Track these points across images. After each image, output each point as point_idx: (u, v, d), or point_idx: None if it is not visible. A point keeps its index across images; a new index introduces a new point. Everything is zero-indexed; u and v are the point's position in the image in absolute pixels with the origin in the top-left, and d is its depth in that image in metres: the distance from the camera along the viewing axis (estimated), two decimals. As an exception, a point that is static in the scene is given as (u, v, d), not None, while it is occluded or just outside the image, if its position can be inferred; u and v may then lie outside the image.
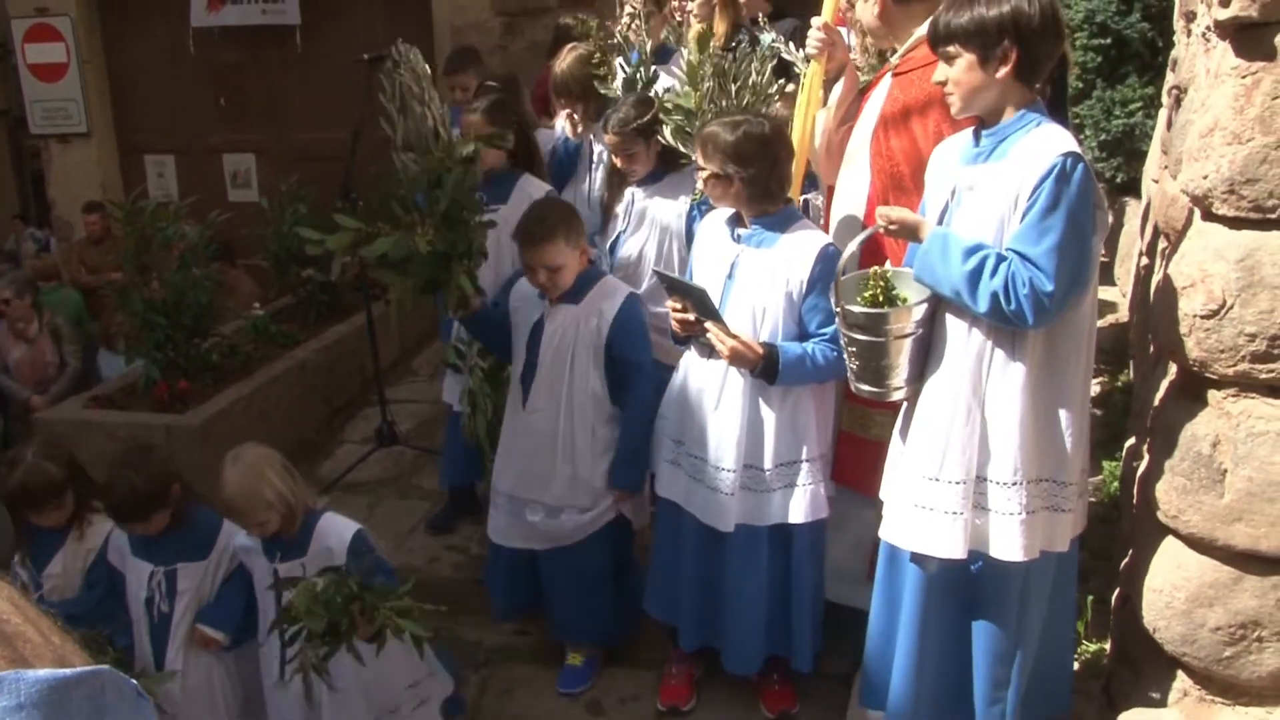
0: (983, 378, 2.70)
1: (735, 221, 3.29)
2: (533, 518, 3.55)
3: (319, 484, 4.99)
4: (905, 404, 2.89)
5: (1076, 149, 2.57)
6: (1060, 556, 2.85)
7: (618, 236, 4.18)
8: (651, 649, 3.85)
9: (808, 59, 3.41)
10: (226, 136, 8.13)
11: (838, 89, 3.38)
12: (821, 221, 3.63)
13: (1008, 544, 2.72)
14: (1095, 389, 5.26)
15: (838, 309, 2.80)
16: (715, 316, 3.14)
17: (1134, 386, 4.50)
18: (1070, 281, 2.56)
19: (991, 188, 2.66)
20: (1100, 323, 5.96)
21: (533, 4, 6.93)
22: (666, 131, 3.75)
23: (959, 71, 2.66)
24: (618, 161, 4.10)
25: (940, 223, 2.77)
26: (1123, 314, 5.93)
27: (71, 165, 8.22)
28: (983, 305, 2.59)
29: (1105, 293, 6.51)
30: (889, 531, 2.90)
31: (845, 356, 2.88)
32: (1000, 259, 2.57)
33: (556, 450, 3.50)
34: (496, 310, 3.70)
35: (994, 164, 2.67)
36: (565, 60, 4.47)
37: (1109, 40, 6.77)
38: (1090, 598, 3.61)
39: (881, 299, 2.77)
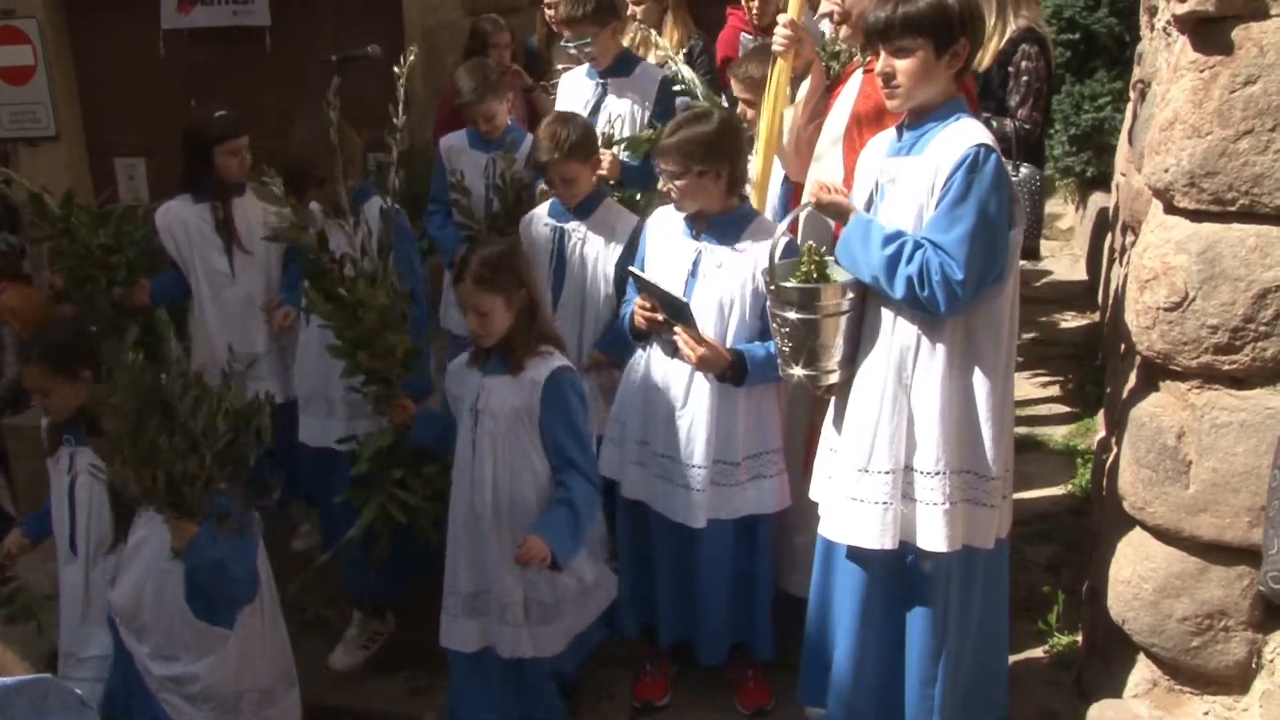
0: (908, 366, 2.74)
1: (693, 220, 3.29)
2: None
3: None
4: (834, 400, 2.91)
5: (990, 141, 2.63)
6: (987, 557, 2.87)
7: None
8: (626, 646, 3.84)
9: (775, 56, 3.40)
10: (198, 139, 8.08)
11: (805, 86, 3.38)
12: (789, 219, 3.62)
13: (932, 534, 2.75)
14: (1062, 380, 5.30)
15: (770, 287, 2.83)
16: (689, 323, 3.15)
17: (1105, 380, 4.53)
18: (982, 270, 2.60)
19: (911, 179, 2.71)
20: (1073, 322, 6.04)
21: (504, 4, 6.89)
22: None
23: (913, 64, 2.66)
24: None
25: None
26: (1095, 308, 5.96)
27: (40, 169, 8.11)
28: (899, 291, 2.64)
29: (1073, 278, 6.55)
30: (825, 527, 2.93)
31: (777, 340, 2.89)
32: (917, 246, 2.62)
33: None
34: None
35: (914, 157, 2.72)
36: None
37: (1078, 35, 6.83)
38: (1060, 590, 3.63)
39: (815, 275, 2.79)
